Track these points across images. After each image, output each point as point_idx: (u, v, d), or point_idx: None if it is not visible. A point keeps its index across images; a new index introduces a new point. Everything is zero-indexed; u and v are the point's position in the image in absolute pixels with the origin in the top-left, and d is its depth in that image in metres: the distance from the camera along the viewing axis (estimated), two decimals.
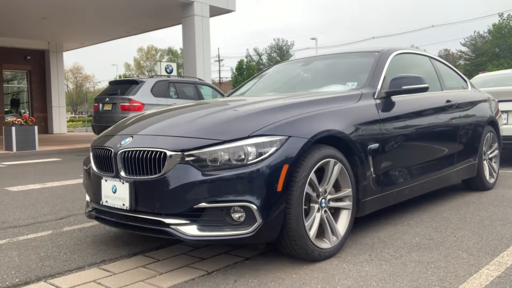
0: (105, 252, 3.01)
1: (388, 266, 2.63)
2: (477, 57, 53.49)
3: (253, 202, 2.42)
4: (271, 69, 4.83)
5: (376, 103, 3.32)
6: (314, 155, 2.65)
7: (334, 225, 2.80)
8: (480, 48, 53.43)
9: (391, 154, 3.29)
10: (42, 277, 2.58)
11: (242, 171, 2.44)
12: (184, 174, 2.47)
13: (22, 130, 11.42)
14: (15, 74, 22.62)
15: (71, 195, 5.09)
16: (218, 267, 2.67)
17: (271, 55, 63.71)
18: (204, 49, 15.17)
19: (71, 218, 3.98)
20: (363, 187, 3.02)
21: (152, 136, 2.74)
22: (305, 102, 3.02)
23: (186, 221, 2.49)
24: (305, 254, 2.62)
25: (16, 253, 3.01)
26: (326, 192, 2.78)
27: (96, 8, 15.26)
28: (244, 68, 55.20)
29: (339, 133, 2.85)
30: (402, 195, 3.53)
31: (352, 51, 4.33)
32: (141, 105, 10.28)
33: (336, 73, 4.03)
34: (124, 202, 2.64)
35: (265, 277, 2.50)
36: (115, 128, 3.18)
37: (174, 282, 2.45)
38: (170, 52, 68.78)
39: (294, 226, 2.53)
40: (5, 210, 4.38)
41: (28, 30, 18.79)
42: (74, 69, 64.48)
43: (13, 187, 5.79)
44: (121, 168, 2.68)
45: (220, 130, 2.62)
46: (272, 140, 2.53)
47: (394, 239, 3.14)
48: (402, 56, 4.03)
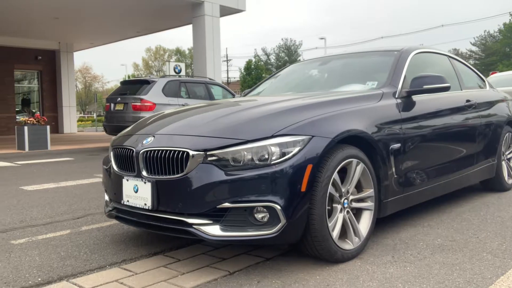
0: (125, 251, 3.01)
1: (412, 267, 2.59)
2: (487, 57, 53.11)
3: (277, 202, 2.40)
4: (287, 68, 4.81)
5: (397, 103, 3.29)
6: (337, 155, 2.63)
7: (356, 226, 2.78)
8: (490, 48, 53.04)
9: (412, 154, 3.26)
10: (64, 277, 2.58)
11: (265, 171, 2.42)
12: (207, 174, 2.46)
13: (35, 129, 11.48)
14: (26, 74, 22.78)
15: (86, 195, 5.10)
16: (239, 268, 2.65)
17: (279, 55, 63.65)
18: (214, 49, 15.18)
19: (88, 218, 3.98)
20: (385, 188, 2.98)
21: (174, 136, 2.73)
22: (327, 101, 3.00)
23: (209, 221, 2.47)
24: (328, 255, 2.60)
25: (36, 252, 3.01)
26: (348, 193, 2.76)
27: (107, 9, 15.33)
28: (252, 68, 55.17)
29: (361, 133, 2.83)
30: (423, 196, 3.49)
31: (370, 50, 4.30)
32: (152, 105, 10.31)
33: (355, 73, 4.00)
34: (146, 201, 2.63)
35: (288, 278, 2.47)
36: (135, 128, 3.17)
37: (197, 282, 2.44)
38: (178, 52, 68.96)
39: (317, 226, 2.50)
40: (22, 209, 4.39)
41: (39, 30, 18.92)
42: (83, 69, 64.85)
43: (28, 186, 5.81)
44: (143, 168, 2.67)
45: (242, 129, 2.60)
46: (296, 140, 2.50)
47: (416, 240, 3.11)
48: (422, 55, 3.99)
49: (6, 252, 3.02)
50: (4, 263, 2.80)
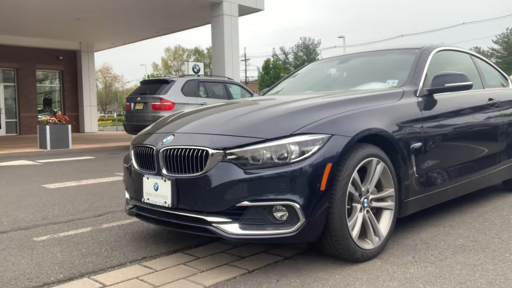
0: (145, 249, 3.04)
1: (433, 268, 2.56)
2: (509, 55, 52.13)
3: (296, 201, 2.40)
4: (306, 67, 4.79)
5: (418, 101, 3.25)
6: (357, 154, 2.61)
7: (376, 226, 2.75)
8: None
9: (434, 154, 3.21)
10: (85, 273, 2.61)
11: (284, 169, 2.42)
12: (226, 173, 2.47)
13: (56, 128, 11.68)
14: (48, 74, 23.18)
15: (107, 193, 5.16)
16: (258, 266, 2.65)
17: (297, 54, 63.47)
18: (233, 48, 15.22)
19: (109, 215, 4.03)
20: (405, 187, 2.95)
21: (193, 134, 2.74)
22: (347, 100, 2.98)
23: (228, 219, 2.48)
24: (347, 254, 2.58)
25: (58, 249, 3.06)
26: (368, 192, 2.73)
27: (128, 9, 15.49)
28: (270, 68, 55.11)
29: (382, 132, 2.80)
30: (445, 196, 3.44)
31: (391, 48, 4.25)
32: (171, 104, 10.38)
33: (375, 71, 3.96)
34: (166, 199, 2.65)
35: (308, 277, 2.47)
36: (155, 126, 3.20)
37: (216, 280, 2.45)
38: (196, 52, 69.30)
39: (337, 226, 2.49)
40: (44, 207, 4.47)
41: (61, 31, 19.22)
42: (103, 69, 65.69)
43: (50, 184, 5.91)
44: (163, 166, 2.69)
45: (262, 128, 2.60)
46: (315, 139, 2.49)
47: (437, 240, 3.07)
48: (443, 53, 3.93)
49: (29, 249, 3.08)
50: (27, 260, 2.86)
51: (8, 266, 2.75)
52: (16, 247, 3.13)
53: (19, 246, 3.15)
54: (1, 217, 4.04)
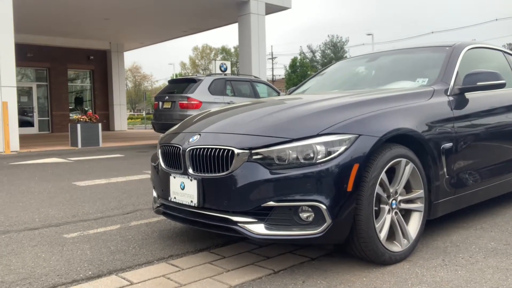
0: (172, 247, 3.06)
1: (464, 272, 2.49)
2: None
3: (322, 202, 2.37)
4: (334, 66, 4.74)
5: (449, 100, 3.17)
6: (385, 154, 2.56)
7: (405, 228, 2.70)
8: None
9: (465, 154, 3.13)
10: (113, 271, 2.65)
11: (310, 170, 2.39)
12: (252, 173, 2.46)
13: (87, 127, 11.93)
14: (79, 74, 23.68)
15: (135, 190, 5.23)
16: (284, 267, 2.64)
17: (325, 52, 62.97)
18: (260, 47, 15.22)
19: (137, 213, 4.09)
20: (435, 189, 2.88)
21: (219, 134, 2.75)
22: (375, 99, 2.93)
23: (254, 219, 2.48)
24: (375, 256, 2.54)
25: (87, 246, 3.12)
26: (397, 193, 2.68)
27: (156, 9, 15.68)
28: (297, 66, 54.92)
29: (411, 132, 2.74)
30: (476, 197, 3.35)
31: (421, 46, 4.16)
32: (199, 103, 10.46)
33: (404, 69, 3.88)
34: (192, 199, 2.67)
35: (334, 279, 2.44)
36: (182, 126, 3.22)
37: (242, 280, 2.44)
38: (223, 51, 69.64)
39: (364, 227, 2.45)
40: (75, 204, 4.56)
41: (91, 31, 19.62)
42: (133, 69, 66.75)
43: (80, 181, 6.03)
44: (189, 165, 2.71)
45: (288, 128, 2.59)
46: (342, 139, 2.46)
47: (468, 243, 2.99)
48: (475, 51, 3.83)
49: (59, 246, 3.15)
50: (57, 256, 2.92)
51: (39, 262, 2.81)
52: (47, 243, 3.21)
53: (50, 242, 3.23)
54: (34, 214, 4.15)
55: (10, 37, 10.73)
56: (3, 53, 10.59)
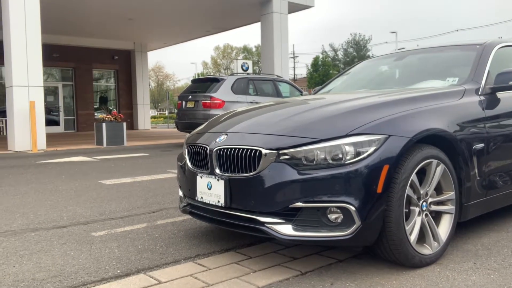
0: (198, 246, 3.07)
1: (496, 276, 2.43)
2: None
3: (351, 203, 2.34)
4: (359, 65, 4.69)
5: (481, 100, 3.10)
6: (415, 155, 2.51)
7: (435, 230, 2.64)
8: None
9: (497, 155, 3.05)
10: (141, 269, 2.67)
11: (339, 171, 2.36)
12: (279, 173, 2.44)
13: (112, 126, 12.09)
14: (103, 73, 24.04)
15: (160, 189, 5.28)
16: (311, 268, 2.61)
17: (347, 50, 62.38)
18: (282, 46, 15.19)
19: (163, 212, 4.11)
20: (466, 190, 2.82)
21: (246, 134, 2.74)
22: (405, 99, 2.88)
23: (281, 220, 2.46)
24: (405, 259, 2.49)
25: (115, 245, 3.15)
26: (427, 195, 2.63)
27: (180, 9, 15.80)
28: (319, 65, 54.59)
29: (442, 132, 2.68)
30: (508, 199, 3.27)
31: (449, 44, 4.08)
32: (221, 103, 10.50)
33: (433, 68, 3.81)
34: (219, 199, 2.67)
35: (363, 281, 2.41)
36: (208, 126, 3.22)
37: (269, 281, 2.43)
38: (245, 50, 69.72)
39: (394, 229, 2.41)
40: (102, 202, 4.62)
41: (115, 31, 19.90)
42: (156, 68, 67.42)
43: (106, 180, 6.11)
44: (216, 165, 2.71)
45: (315, 128, 2.56)
46: (371, 139, 2.42)
47: (499, 246, 2.91)
48: (506, 49, 3.72)
49: (87, 244, 3.19)
50: (86, 255, 2.96)
51: (68, 260, 2.85)
52: (76, 241, 3.25)
53: (78, 240, 3.27)
54: (62, 212, 4.22)
55: (38, 38, 10.95)
56: (31, 54, 10.82)
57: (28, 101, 10.83)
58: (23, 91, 10.79)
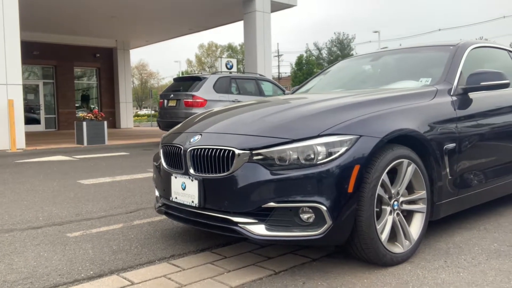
0: (174, 247, 3.07)
1: (466, 274, 2.48)
2: None
3: (322, 203, 2.36)
4: (337, 65, 4.72)
5: (452, 100, 3.15)
6: (386, 155, 2.55)
7: (407, 229, 2.68)
8: None
9: (468, 155, 3.11)
10: (115, 271, 2.66)
11: (311, 171, 2.38)
12: (253, 173, 2.46)
13: (93, 125, 11.98)
14: (85, 71, 23.79)
15: (139, 189, 5.25)
16: (285, 267, 2.63)
17: (331, 49, 62.72)
18: (265, 45, 15.20)
19: (140, 212, 4.10)
20: (438, 189, 2.87)
21: (220, 134, 2.74)
22: (377, 99, 2.91)
23: (254, 220, 2.47)
24: (376, 258, 2.53)
25: (90, 246, 3.13)
26: (398, 194, 2.67)
27: (162, 7, 15.70)
28: (303, 63, 54.79)
29: (413, 132, 2.72)
30: (480, 198, 3.33)
31: (424, 45, 4.13)
32: (204, 101, 10.46)
33: (407, 69, 3.86)
34: (193, 199, 2.67)
35: (335, 280, 2.43)
36: (183, 126, 3.22)
37: (242, 281, 2.44)
38: (230, 48, 69.60)
39: (365, 229, 2.44)
40: (79, 203, 4.58)
41: (98, 29, 19.69)
42: (139, 66, 66.90)
43: (85, 180, 6.06)
44: (190, 166, 2.71)
45: (288, 128, 2.58)
46: (343, 140, 2.45)
47: (470, 244, 2.97)
48: (479, 50, 3.79)
49: (62, 245, 3.16)
50: (60, 256, 2.93)
51: (41, 261, 2.83)
52: (50, 242, 3.22)
53: (52, 241, 3.24)
54: (37, 212, 4.17)
55: (16, 35, 10.78)
56: (9, 51, 10.65)
57: (7, 100, 10.66)
58: (1, 90, 10.62)
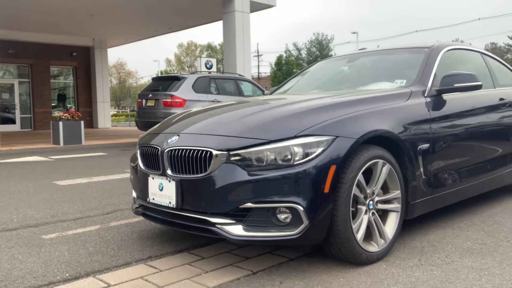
0: (151, 248, 3.05)
1: (439, 272, 2.53)
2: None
3: (299, 203, 2.39)
4: (315, 66, 4.76)
5: (427, 102, 3.21)
6: (362, 155, 2.58)
7: (382, 228, 2.73)
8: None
9: (442, 155, 3.17)
10: (91, 273, 2.64)
11: (288, 171, 2.40)
12: (230, 174, 2.46)
13: (69, 125, 11.80)
14: (62, 70, 23.40)
15: (116, 190, 5.20)
16: (263, 267, 2.65)
17: (310, 49, 63.09)
18: (244, 45, 15.19)
19: (117, 213, 4.06)
20: (412, 189, 2.92)
21: (197, 135, 2.74)
22: (353, 101, 2.95)
23: (232, 220, 2.48)
24: (352, 257, 2.56)
25: (66, 248, 3.09)
26: (374, 194, 2.71)
27: (141, 6, 15.55)
28: (283, 63, 54.99)
29: (388, 133, 2.77)
30: (453, 197, 3.40)
31: (400, 47, 4.20)
32: (182, 101, 10.41)
33: (383, 70, 3.92)
34: (170, 200, 2.66)
35: (311, 279, 2.46)
36: (161, 126, 3.21)
37: (220, 281, 2.45)
38: (209, 48, 69.37)
39: (341, 228, 2.47)
40: (55, 204, 4.52)
41: (75, 27, 19.37)
42: (117, 65, 66.14)
43: (61, 181, 5.97)
44: (168, 167, 2.70)
45: (266, 129, 2.59)
46: (319, 141, 2.48)
47: (444, 243, 3.03)
48: (453, 52, 3.88)
49: (37, 247, 3.11)
50: (35, 258, 2.89)
51: (15, 264, 2.78)
52: (25, 244, 3.17)
53: (27, 244, 3.19)
54: (12, 214, 4.10)
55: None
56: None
57: None
58: None
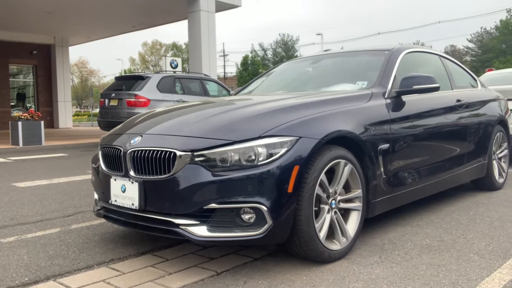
0: (114, 250, 3.01)
1: (398, 268, 2.61)
2: (483, 54, 53.28)
3: (263, 203, 2.41)
4: (280, 67, 4.80)
5: (387, 103, 3.29)
6: (324, 156, 2.63)
7: (344, 227, 2.78)
8: (486, 45, 53.23)
9: (401, 154, 3.26)
10: (51, 276, 2.58)
11: (252, 172, 2.42)
12: (194, 175, 2.46)
13: (29, 125, 11.44)
14: (21, 69, 22.68)
15: (78, 192, 5.09)
16: (227, 268, 2.65)
17: (276, 50, 63.51)
18: (210, 44, 15.13)
19: (78, 216, 3.98)
20: (373, 188, 2.99)
21: (161, 136, 2.72)
22: (316, 102, 3.00)
23: (196, 221, 2.47)
24: (315, 255, 2.60)
25: (25, 251, 3.01)
26: (336, 193, 2.76)
27: (102, 3, 15.25)
28: (249, 64, 55.10)
29: (349, 134, 2.83)
30: (413, 196, 3.51)
31: (362, 49, 4.29)
32: (147, 101, 10.28)
33: (345, 72, 4.00)
34: (133, 201, 2.63)
35: (275, 278, 2.48)
36: (124, 127, 3.16)
37: (183, 283, 2.44)
38: (174, 47, 68.75)
39: (304, 227, 2.51)
40: (13, 206, 4.38)
41: (34, 24, 18.81)
42: (79, 64, 64.65)
43: (20, 182, 5.79)
44: (131, 168, 2.67)
45: (230, 130, 2.60)
46: (283, 141, 2.50)
47: (404, 240, 3.12)
48: (413, 55, 3.99)
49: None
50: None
51: None
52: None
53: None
54: None
55: None
56: None
57: None
58: None
